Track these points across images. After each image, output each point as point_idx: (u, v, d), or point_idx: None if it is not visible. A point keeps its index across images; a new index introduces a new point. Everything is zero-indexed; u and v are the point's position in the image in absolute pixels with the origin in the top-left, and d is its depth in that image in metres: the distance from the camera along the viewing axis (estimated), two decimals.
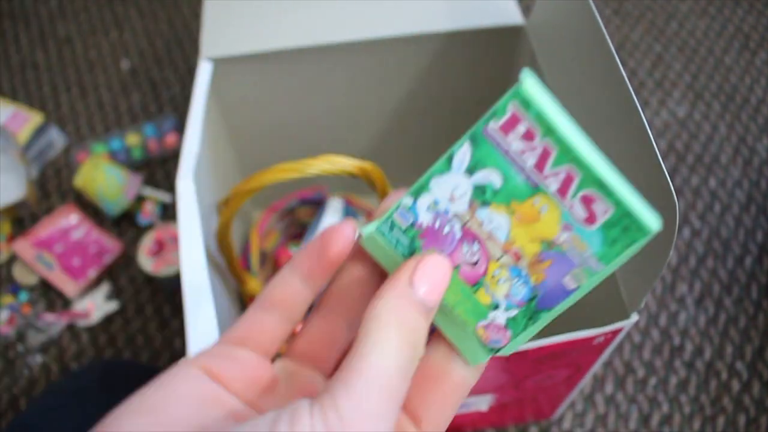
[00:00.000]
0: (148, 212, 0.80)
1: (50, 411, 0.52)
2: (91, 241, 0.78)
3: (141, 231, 0.81)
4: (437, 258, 0.25)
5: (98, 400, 0.53)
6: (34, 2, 1.05)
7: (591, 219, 0.22)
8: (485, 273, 0.25)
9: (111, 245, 0.78)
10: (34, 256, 0.77)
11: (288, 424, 0.21)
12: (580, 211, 0.22)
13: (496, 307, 0.25)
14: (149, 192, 0.81)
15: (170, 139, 0.87)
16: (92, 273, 0.76)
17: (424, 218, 0.25)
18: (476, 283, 0.25)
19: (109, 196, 0.78)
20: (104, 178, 0.78)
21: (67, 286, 0.75)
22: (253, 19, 0.61)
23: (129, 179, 0.80)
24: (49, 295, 0.77)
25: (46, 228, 0.79)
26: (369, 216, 0.72)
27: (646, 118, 0.89)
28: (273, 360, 0.29)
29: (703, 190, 0.83)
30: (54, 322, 0.74)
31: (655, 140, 0.39)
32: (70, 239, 0.78)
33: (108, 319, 0.75)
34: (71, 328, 0.75)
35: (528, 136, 0.22)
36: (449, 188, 0.24)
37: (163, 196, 0.81)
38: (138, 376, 0.57)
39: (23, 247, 0.77)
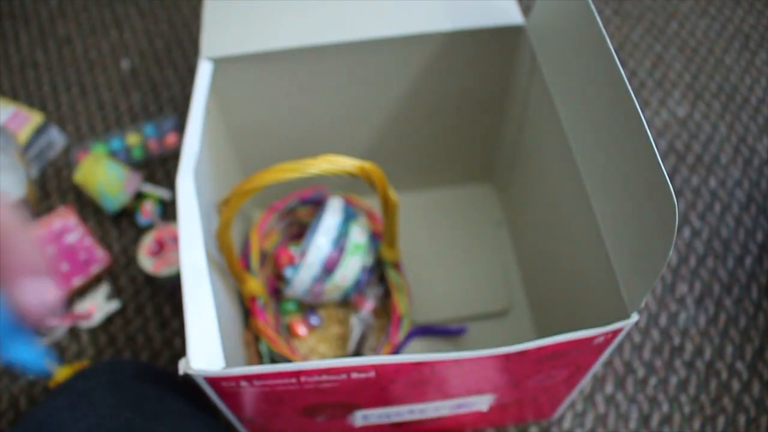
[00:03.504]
0: (148, 212, 0.80)
1: (61, 411, 0.52)
2: (83, 247, 0.78)
3: (141, 231, 0.81)
4: None
5: (108, 400, 0.53)
6: (34, 2, 1.05)
7: None
8: None
9: (101, 256, 0.77)
10: None
11: None
12: None
13: None
14: (149, 189, 0.81)
15: (170, 138, 0.87)
16: (76, 282, 0.75)
17: None
18: None
19: (109, 191, 0.78)
20: (104, 173, 0.78)
21: None
22: (253, 19, 0.61)
23: (129, 175, 0.80)
24: None
25: (42, 228, 0.79)
26: (369, 216, 0.72)
27: (646, 118, 0.89)
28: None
29: (703, 190, 0.83)
30: (56, 326, 0.74)
31: (655, 140, 0.39)
32: (63, 242, 0.78)
33: (108, 319, 0.75)
34: (71, 328, 0.75)
35: None
36: None
37: (163, 193, 0.81)
38: (146, 376, 0.57)
39: None
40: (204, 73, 0.58)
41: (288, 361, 0.65)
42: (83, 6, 1.04)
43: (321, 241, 0.64)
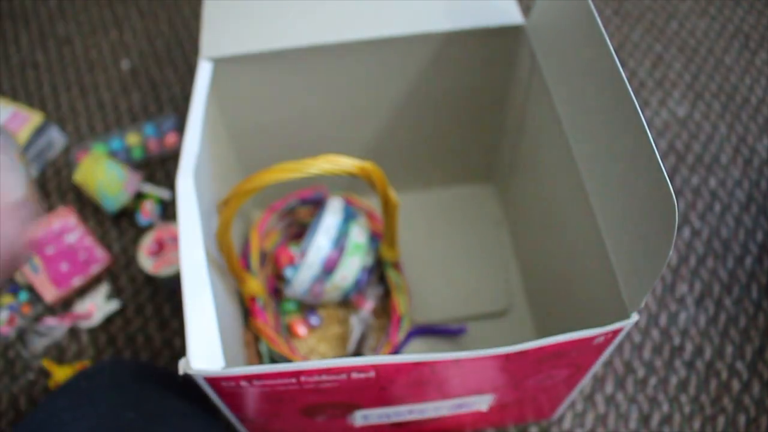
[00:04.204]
0: (148, 212, 0.80)
1: (63, 411, 0.52)
2: (83, 247, 0.78)
3: (141, 231, 0.81)
4: None
5: (110, 400, 0.53)
6: (34, 2, 1.05)
7: None
8: None
9: (101, 256, 0.77)
10: None
11: None
12: None
13: None
14: (149, 188, 0.81)
15: (170, 138, 0.87)
16: (76, 281, 0.75)
17: None
18: None
19: (109, 191, 0.78)
20: (104, 173, 0.78)
21: (48, 292, 0.75)
22: (253, 19, 0.61)
23: (129, 175, 0.80)
24: None
25: (42, 228, 0.79)
26: (369, 216, 0.72)
27: (646, 118, 0.89)
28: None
29: (703, 190, 0.83)
30: (56, 326, 0.74)
31: (655, 140, 0.39)
32: (63, 242, 0.78)
33: (108, 319, 0.75)
34: (71, 328, 0.75)
35: None
36: None
37: (163, 193, 0.81)
38: (147, 376, 0.57)
39: None
40: (204, 73, 0.58)
41: (288, 361, 0.65)
42: (83, 6, 1.04)
43: (321, 241, 0.64)
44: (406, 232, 0.79)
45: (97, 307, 0.75)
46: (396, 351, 0.67)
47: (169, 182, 0.84)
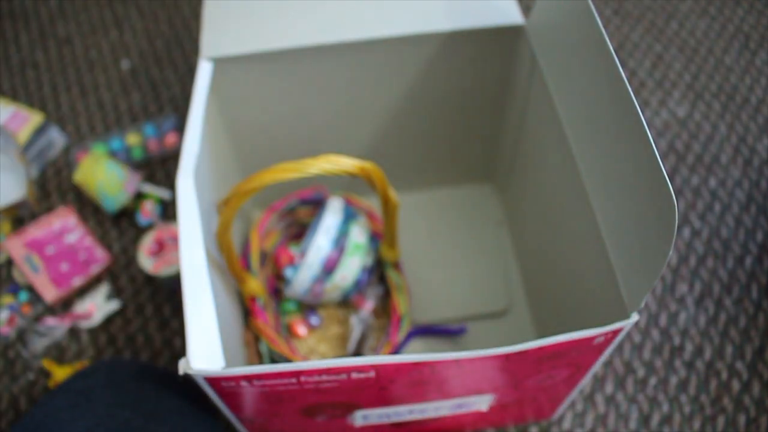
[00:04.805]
0: (148, 212, 0.80)
1: (60, 411, 0.52)
2: (83, 247, 0.78)
3: (141, 231, 0.81)
4: None
5: (107, 399, 0.53)
6: (34, 2, 1.05)
7: None
8: None
9: (101, 255, 0.77)
10: (23, 257, 0.76)
11: None
12: None
13: None
14: (149, 188, 0.81)
15: (170, 139, 0.87)
16: (76, 281, 0.75)
17: None
18: None
19: (109, 191, 0.78)
20: (104, 173, 0.78)
21: (48, 292, 0.74)
22: (253, 19, 0.61)
23: (129, 175, 0.80)
24: None
25: (42, 228, 0.79)
26: (369, 216, 0.72)
27: (646, 118, 0.89)
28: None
29: (703, 190, 0.83)
30: (56, 326, 0.74)
31: (655, 140, 0.39)
32: (63, 242, 0.78)
33: (108, 319, 0.75)
34: (71, 328, 0.75)
35: None
36: None
37: (163, 193, 0.81)
38: (145, 376, 0.57)
39: (15, 245, 0.77)
40: (204, 73, 0.58)
41: (288, 361, 0.65)
42: (83, 6, 1.04)
43: (321, 241, 0.64)
44: (406, 232, 0.79)
45: (97, 307, 0.75)
46: (396, 351, 0.67)
47: (169, 182, 0.84)
